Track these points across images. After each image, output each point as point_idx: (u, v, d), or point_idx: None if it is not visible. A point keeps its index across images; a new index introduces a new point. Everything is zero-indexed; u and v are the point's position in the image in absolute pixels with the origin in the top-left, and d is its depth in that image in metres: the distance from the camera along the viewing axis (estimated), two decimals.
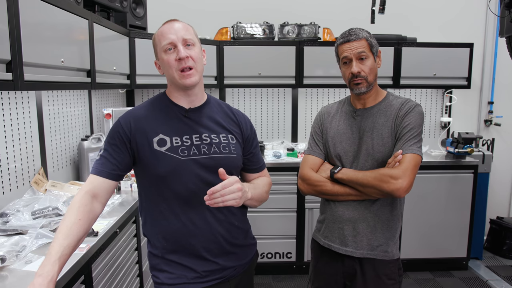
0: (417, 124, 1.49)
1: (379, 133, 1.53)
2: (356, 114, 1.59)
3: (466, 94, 3.67)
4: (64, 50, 1.75)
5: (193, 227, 1.26)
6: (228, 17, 3.41)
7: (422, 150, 1.49)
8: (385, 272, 1.54)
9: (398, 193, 1.40)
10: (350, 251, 1.55)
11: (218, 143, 1.31)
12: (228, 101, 3.56)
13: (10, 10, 1.33)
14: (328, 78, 3.22)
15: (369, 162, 1.53)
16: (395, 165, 1.43)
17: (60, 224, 1.15)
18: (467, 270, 3.27)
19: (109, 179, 1.25)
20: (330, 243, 1.60)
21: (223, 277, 1.31)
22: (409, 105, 1.52)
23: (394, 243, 1.57)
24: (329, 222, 1.60)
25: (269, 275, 3.18)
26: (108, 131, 1.30)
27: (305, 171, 1.61)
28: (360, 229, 1.54)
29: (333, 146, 1.60)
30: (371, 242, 1.53)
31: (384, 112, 1.55)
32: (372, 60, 1.53)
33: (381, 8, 2.82)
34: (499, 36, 2.53)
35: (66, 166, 2.36)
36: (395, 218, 1.57)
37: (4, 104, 1.77)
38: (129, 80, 2.72)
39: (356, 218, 1.54)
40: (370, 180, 1.44)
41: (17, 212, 1.67)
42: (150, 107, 1.33)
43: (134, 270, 2.05)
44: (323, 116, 1.69)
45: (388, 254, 1.54)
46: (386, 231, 1.55)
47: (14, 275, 1.26)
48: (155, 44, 1.30)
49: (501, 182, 3.83)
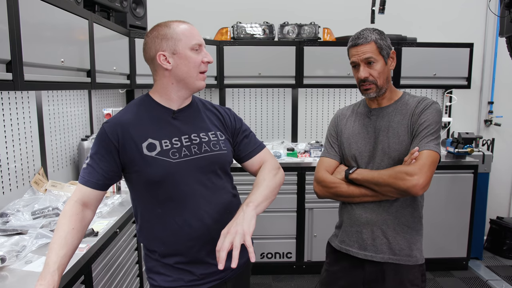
0: (434, 121, 1.44)
1: (395, 131, 1.48)
2: (371, 114, 1.55)
3: (466, 94, 3.67)
4: (64, 50, 1.75)
5: (190, 229, 1.24)
6: (228, 17, 3.41)
7: (440, 147, 1.44)
8: (408, 277, 1.48)
9: (415, 190, 1.35)
10: (370, 256, 1.49)
11: (208, 142, 1.30)
12: (228, 101, 3.57)
13: (10, 10, 1.33)
14: (328, 78, 3.21)
15: (385, 162, 1.48)
16: (412, 162, 1.38)
17: (54, 233, 1.15)
18: (467, 270, 3.27)
19: (97, 189, 1.23)
20: (348, 248, 1.54)
21: (221, 279, 1.30)
22: (426, 102, 1.48)
23: (418, 247, 1.51)
24: (347, 225, 1.56)
25: (269, 275, 3.18)
26: (95, 138, 1.26)
27: (320, 173, 1.57)
28: (379, 232, 1.49)
29: (349, 146, 1.57)
30: (392, 246, 1.48)
31: (400, 111, 1.51)
32: (382, 63, 1.49)
33: (381, 8, 2.82)
34: (499, 36, 2.53)
35: (66, 166, 2.36)
36: (416, 220, 1.52)
37: (4, 104, 1.77)
38: (129, 80, 2.72)
39: (374, 220, 1.49)
40: (385, 178, 1.40)
41: (17, 212, 1.67)
42: (136, 111, 1.28)
43: (134, 270, 2.05)
44: (338, 118, 1.66)
45: (411, 259, 1.49)
46: (407, 234, 1.49)
47: (14, 275, 1.26)
48: (175, 37, 1.23)
49: (501, 182, 3.83)
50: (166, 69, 1.25)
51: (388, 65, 1.52)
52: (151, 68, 1.31)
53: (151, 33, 1.27)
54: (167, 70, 1.25)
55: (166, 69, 1.25)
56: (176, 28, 1.25)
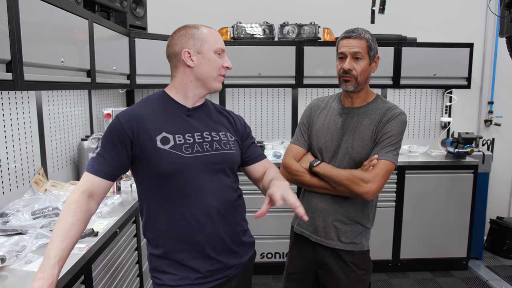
0: (397, 132, 1.53)
1: (361, 134, 1.57)
2: (342, 112, 1.64)
3: (466, 94, 3.67)
4: (64, 50, 1.75)
5: (197, 224, 1.26)
6: (228, 17, 3.41)
7: (398, 157, 1.55)
8: (354, 261, 1.60)
9: (366, 196, 1.48)
10: (320, 240, 1.62)
11: (219, 140, 1.33)
12: (228, 101, 3.57)
13: (10, 10, 1.33)
14: (328, 78, 3.22)
15: (346, 161, 1.58)
16: (369, 169, 1.49)
17: (57, 224, 1.14)
18: (467, 270, 3.27)
19: (106, 179, 1.23)
20: (303, 230, 1.68)
21: (226, 277, 1.32)
22: (394, 112, 1.56)
23: (364, 236, 1.63)
24: (304, 211, 1.64)
25: (269, 275, 3.18)
26: (107, 128, 1.27)
27: (288, 159, 1.68)
28: (329, 221, 1.61)
29: (317, 139, 1.66)
30: (339, 234, 1.60)
31: (369, 115, 1.59)
32: (367, 62, 1.56)
33: (381, 8, 2.83)
34: (499, 36, 2.54)
35: (66, 166, 2.36)
36: (365, 216, 1.63)
37: (4, 104, 1.77)
38: (129, 80, 2.72)
39: (327, 210, 1.61)
40: (343, 180, 1.51)
41: (17, 212, 1.67)
42: (151, 106, 1.31)
43: (134, 270, 2.05)
44: (312, 108, 1.75)
45: (356, 245, 1.61)
46: (355, 226, 1.61)
47: (14, 275, 1.26)
48: (202, 38, 1.29)
49: (501, 182, 3.83)
50: (188, 66, 1.29)
51: (371, 67, 1.59)
52: (171, 64, 1.35)
53: (179, 31, 1.32)
54: (189, 67, 1.30)
55: (188, 66, 1.29)
56: (204, 30, 1.32)
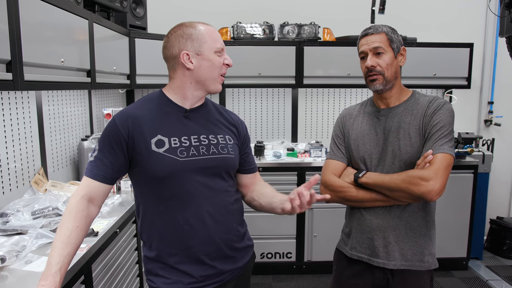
0: (447, 122, 1.38)
1: (406, 132, 1.42)
2: (380, 114, 1.49)
3: (466, 94, 3.67)
4: (64, 50, 1.75)
5: (190, 229, 1.23)
6: (228, 17, 3.41)
7: (454, 149, 1.38)
8: (418, 283, 1.45)
9: (430, 195, 1.29)
10: (382, 263, 1.44)
11: (216, 144, 1.30)
12: (228, 101, 3.57)
13: (10, 10, 1.33)
14: (328, 78, 3.21)
15: (396, 164, 1.42)
16: (425, 166, 1.32)
17: (58, 231, 1.15)
18: (467, 270, 3.27)
19: (105, 183, 1.22)
20: (360, 255, 1.49)
21: (220, 281, 1.29)
22: (438, 102, 1.42)
23: (430, 252, 1.47)
24: (357, 232, 1.50)
25: (269, 275, 3.18)
26: (103, 130, 1.26)
27: (327, 176, 1.51)
28: (391, 238, 1.43)
29: (356, 148, 1.50)
30: (404, 252, 1.43)
31: (410, 111, 1.44)
32: (391, 55, 1.43)
33: (381, 8, 2.83)
34: (499, 36, 2.53)
35: (66, 166, 2.36)
36: (429, 224, 1.47)
37: (4, 104, 1.77)
38: (129, 80, 2.72)
39: (386, 226, 1.43)
40: (398, 183, 1.34)
41: (17, 212, 1.67)
42: (148, 106, 1.28)
43: (134, 270, 2.05)
44: (344, 118, 1.59)
45: (423, 264, 1.44)
46: (420, 239, 1.44)
47: (14, 275, 1.26)
48: (201, 39, 1.24)
49: (501, 182, 3.83)
50: (188, 68, 1.25)
51: (398, 60, 1.46)
52: (168, 66, 1.30)
53: (175, 31, 1.27)
54: (189, 69, 1.25)
55: (188, 68, 1.25)
56: (201, 29, 1.26)
